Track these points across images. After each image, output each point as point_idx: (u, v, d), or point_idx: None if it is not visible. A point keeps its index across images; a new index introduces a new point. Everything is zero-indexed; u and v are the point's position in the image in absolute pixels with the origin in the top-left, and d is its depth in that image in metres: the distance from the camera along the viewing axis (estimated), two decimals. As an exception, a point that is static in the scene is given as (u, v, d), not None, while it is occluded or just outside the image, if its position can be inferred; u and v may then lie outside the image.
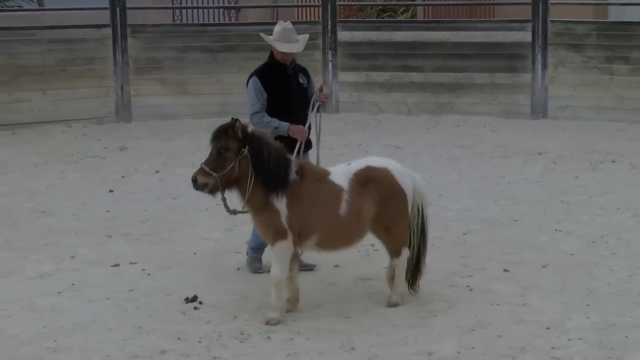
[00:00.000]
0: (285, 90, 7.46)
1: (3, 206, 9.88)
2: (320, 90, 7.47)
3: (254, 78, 7.46)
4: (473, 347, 6.11)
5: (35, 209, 9.78)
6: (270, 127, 7.19)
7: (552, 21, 14.28)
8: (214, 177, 6.45)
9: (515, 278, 7.46)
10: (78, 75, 14.27)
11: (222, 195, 6.59)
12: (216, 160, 6.49)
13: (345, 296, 7.09)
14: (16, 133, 13.53)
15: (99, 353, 6.05)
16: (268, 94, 7.41)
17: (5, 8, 19.51)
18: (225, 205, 6.66)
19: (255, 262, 7.63)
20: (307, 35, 7.73)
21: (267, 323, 6.48)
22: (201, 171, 6.50)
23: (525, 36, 14.36)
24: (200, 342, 6.24)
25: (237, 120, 6.55)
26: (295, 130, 7.33)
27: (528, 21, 14.37)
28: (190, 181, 6.53)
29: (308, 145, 7.59)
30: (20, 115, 13.86)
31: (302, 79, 7.61)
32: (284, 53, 7.44)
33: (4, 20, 15.33)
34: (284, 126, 7.31)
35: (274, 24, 7.65)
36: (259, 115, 7.35)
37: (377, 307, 6.85)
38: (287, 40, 7.43)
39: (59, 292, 7.25)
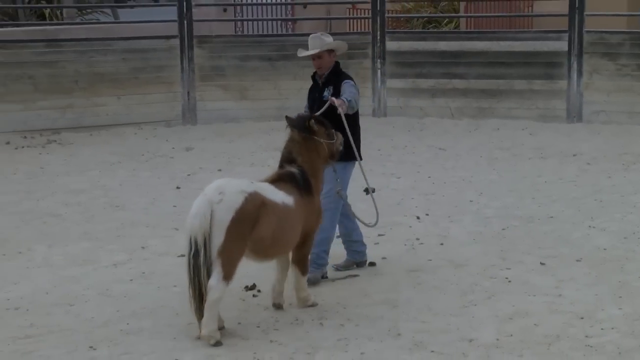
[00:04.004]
0: (312, 100, 7.19)
1: (81, 201, 10.02)
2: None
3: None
4: (511, 335, 6.05)
5: (110, 204, 9.90)
6: None
7: (588, 31, 14.08)
8: None
9: (551, 271, 7.37)
10: (149, 82, 14.42)
11: None
12: None
13: (392, 286, 7.07)
14: (93, 134, 13.72)
15: (167, 335, 6.10)
16: (308, 103, 7.26)
17: (85, 21, 19.84)
18: None
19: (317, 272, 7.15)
20: (340, 42, 7.15)
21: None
22: None
23: (562, 45, 14.18)
24: (258, 326, 6.27)
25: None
26: None
27: (565, 31, 14.20)
28: None
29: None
30: (97, 118, 14.05)
31: (327, 92, 7.03)
32: (313, 61, 7.09)
33: (84, 32, 15.54)
34: None
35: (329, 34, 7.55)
36: None
37: (422, 296, 6.82)
38: (308, 47, 7.08)
39: (131, 280, 7.34)
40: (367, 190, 7.09)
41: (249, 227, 5.88)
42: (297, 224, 6.29)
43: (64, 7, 20.02)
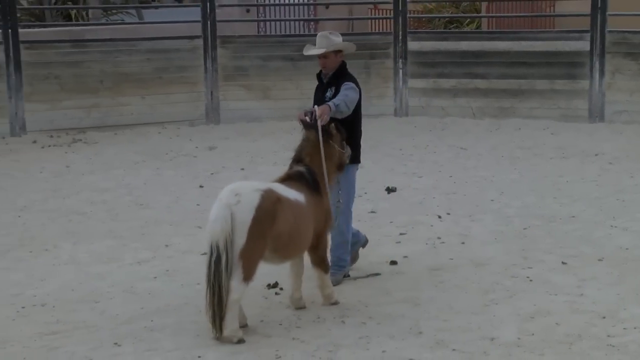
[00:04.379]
0: (316, 100, 7.03)
1: (106, 199, 10.07)
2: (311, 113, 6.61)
3: None
4: (532, 334, 6.02)
5: (134, 202, 9.95)
6: None
7: (610, 31, 13.98)
8: None
9: (573, 270, 7.33)
10: (172, 82, 14.48)
11: None
12: None
13: (414, 285, 7.06)
14: (118, 133, 13.79)
15: (190, 332, 6.13)
16: (314, 100, 7.09)
17: (110, 22, 19.96)
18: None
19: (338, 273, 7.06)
20: (348, 43, 7.03)
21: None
22: None
23: (584, 45, 14.09)
24: (280, 324, 6.28)
25: None
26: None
27: (587, 31, 14.11)
28: None
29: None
30: (122, 117, 14.13)
31: (329, 92, 6.91)
32: (319, 60, 6.97)
33: (109, 32, 15.64)
34: None
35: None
36: None
37: (443, 295, 6.80)
38: (314, 45, 6.96)
39: (155, 277, 7.37)
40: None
41: (269, 224, 5.89)
42: (310, 221, 6.29)
43: (89, 8, 20.18)
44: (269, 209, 5.89)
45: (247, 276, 5.87)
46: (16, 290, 7.07)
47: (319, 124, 6.48)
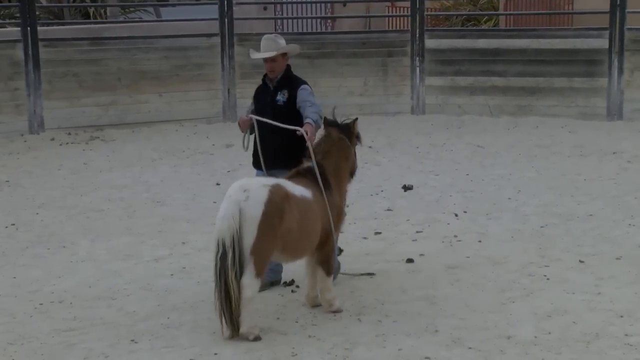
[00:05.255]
0: (262, 103, 6.85)
1: (124, 196, 10.11)
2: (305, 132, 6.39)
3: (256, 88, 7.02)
4: (549, 333, 5.99)
5: (151, 199, 9.98)
6: None
7: (629, 29, 13.91)
8: None
9: (590, 269, 7.28)
10: (190, 80, 14.52)
11: None
12: None
13: (430, 283, 7.04)
14: (135, 131, 13.84)
15: (207, 329, 6.14)
16: (255, 106, 6.93)
17: (128, 20, 20.04)
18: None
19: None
20: (293, 46, 6.99)
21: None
22: None
23: (603, 43, 14.01)
24: (296, 322, 6.28)
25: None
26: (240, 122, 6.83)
27: (605, 29, 14.03)
28: None
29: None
30: (139, 115, 14.17)
31: (280, 96, 6.75)
32: (266, 64, 6.79)
33: (127, 30, 15.69)
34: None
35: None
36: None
37: (460, 293, 6.78)
38: (261, 49, 6.79)
39: (172, 275, 7.39)
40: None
41: (279, 220, 5.86)
42: (317, 218, 6.22)
43: (108, 6, 20.26)
44: (278, 204, 5.86)
45: (259, 272, 5.86)
46: (34, 287, 7.11)
47: (309, 145, 6.32)
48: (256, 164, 6.94)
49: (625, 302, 6.49)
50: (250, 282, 5.81)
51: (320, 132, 6.63)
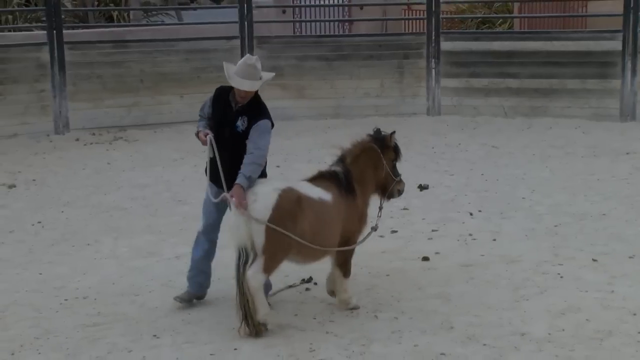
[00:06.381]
0: (220, 121, 6.31)
1: (146, 195, 10.15)
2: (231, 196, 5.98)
3: (216, 90, 6.53)
4: (563, 330, 5.97)
5: (172, 198, 10.02)
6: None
7: (642, 31, 13.82)
8: None
9: (603, 267, 7.25)
10: (210, 81, 14.43)
11: None
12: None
13: (446, 280, 7.03)
14: (157, 132, 13.89)
15: (227, 325, 6.16)
16: (212, 115, 6.43)
17: (150, 23, 20.12)
18: None
19: None
20: (270, 74, 6.46)
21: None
22: None
23: (616, 45, 13.92)
24: (314, 318, 6.29)
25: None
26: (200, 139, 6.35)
27: (619, 31, 13.94)
28: None
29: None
30: (161, 116, 14.22)
31: (240, 122, 6.20)
32: (240, 91, 6.21)
33: (149, 33, 15.74)
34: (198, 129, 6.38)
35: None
36: (199, 119, 6.58)
37: (475, 290, 6.77)
38: (240, 73, 6.19)
39: (193, 271, 7.41)
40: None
41: (291, 224, 5.84)
42: (336, 220, 6.16)
43: (130, 9, 20.34)
44: (287, 209, 5.84)
45: (267, 269, 5.88)
46: (60, 283, 7.16)
47: (242, 211, 5.86)
48: (212, 178, 6.45)
49: (638, 300, 6.45)
50: (253, 274, 5.82)
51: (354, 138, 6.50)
